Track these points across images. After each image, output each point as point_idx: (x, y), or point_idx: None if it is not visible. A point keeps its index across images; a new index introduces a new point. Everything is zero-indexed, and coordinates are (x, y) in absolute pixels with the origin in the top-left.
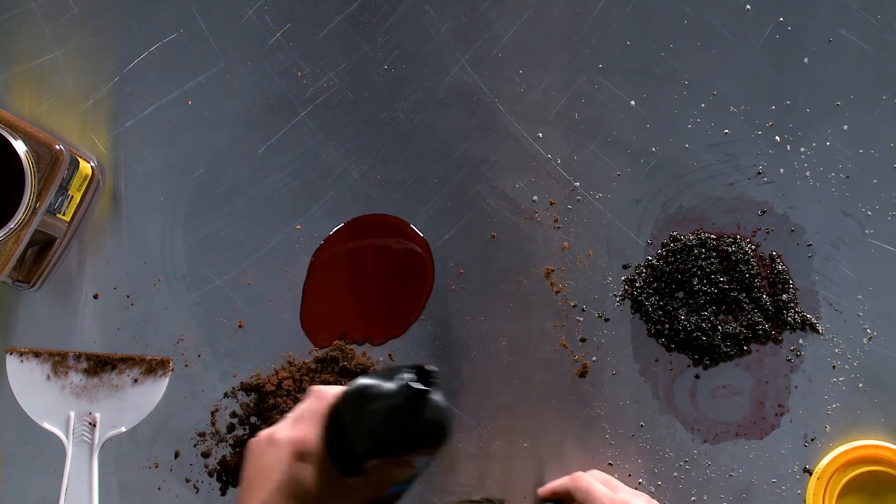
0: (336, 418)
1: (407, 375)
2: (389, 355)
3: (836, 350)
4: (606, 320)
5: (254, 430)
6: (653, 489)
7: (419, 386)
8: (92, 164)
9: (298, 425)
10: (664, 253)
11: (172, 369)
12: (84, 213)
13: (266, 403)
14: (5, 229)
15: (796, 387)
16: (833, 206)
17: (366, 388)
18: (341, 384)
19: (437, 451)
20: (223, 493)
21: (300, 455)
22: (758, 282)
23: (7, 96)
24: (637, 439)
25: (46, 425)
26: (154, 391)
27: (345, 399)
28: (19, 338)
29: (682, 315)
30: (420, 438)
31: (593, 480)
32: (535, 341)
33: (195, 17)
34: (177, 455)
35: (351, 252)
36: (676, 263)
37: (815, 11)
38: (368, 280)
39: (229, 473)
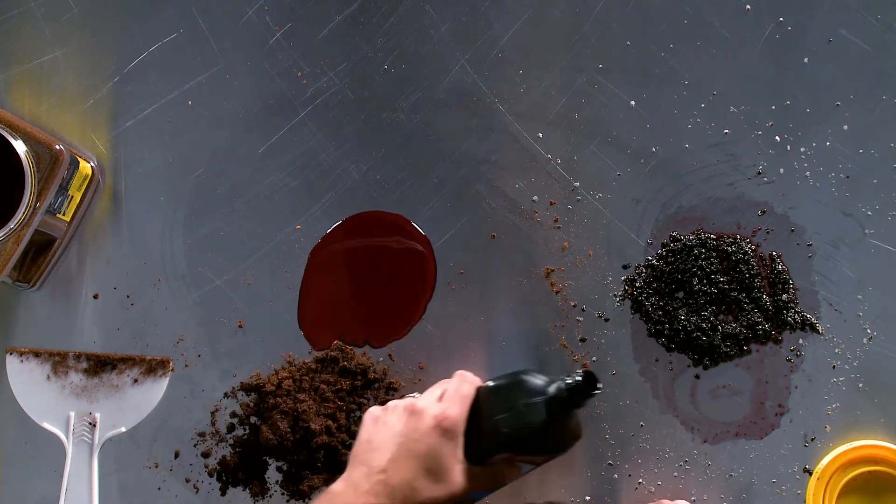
0: (480, 405)
1: (570, 380)
2: (389, 355)
3: (836, 350)
4: (606, 320)
5: (254, 430)
6: (653, 489)
7: (576, 381)
8: (92, 164)
9: (444, 403)
10: (664, 253)
11: (172, 369)
12: (84, 213)
13: (266, 403)
14: (5, 229)
15: (796, 387)
16: (833, 206)
17: (523, 382)
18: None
19: (549, 461)
20: (223, 493)
21: (444, 431)
22: (758, 282)
23: (7, 96)
24: (637, 439)
25: (46, 425)
26: (154, 391)
27: (496, 388)
28: (19, 338)
29: (682, 315)
30: (555, 443)
31: None
32: (535, 341)
33: (195, 17)
34: (177, 455)
35: (350, 251)
36: (676, 263)
37: (815, 11)
38: (368, 280)
39: (229, 473)
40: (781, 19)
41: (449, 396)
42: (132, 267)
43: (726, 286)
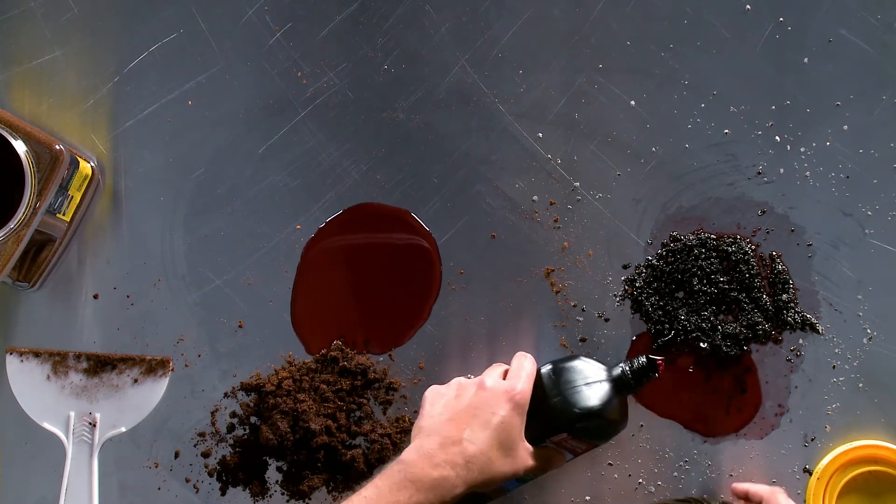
0: (541, 384)
1: (634, 364)
2: (389, 355)
3: (836, 350)
4: (606, 320)
5: (254, 430)
6: (653, 489)
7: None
8: (92, 164)
9: (511, 380)
10: (664, 253)
11: (172, 369)
12: (84, 213)
13: (266, 403)
14: (5, 229)
15: (796, 387)
16: (833, 206)
17: (585, 363)
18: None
19: (591, 449)
20: (223, 493)
21: (515, 404)
22: (758, 282)
23: (7, 96)
24: (637, 439)
25: (46, 425)
26: (154, 391)
27: (559, 370)
28: (19, 338)
29: (682, 315)
30: (607, 427)
31: None
32: (535, 341)
33: (195, 17)
34: (177, 455)
35: (347, 247)
36: (676, 263)
37: (815, 11)
38: (368, 279)
39: (229, 473)
40: (781, 19)
41: (514, 373)
42: (132, 267)
43: (726, 286)
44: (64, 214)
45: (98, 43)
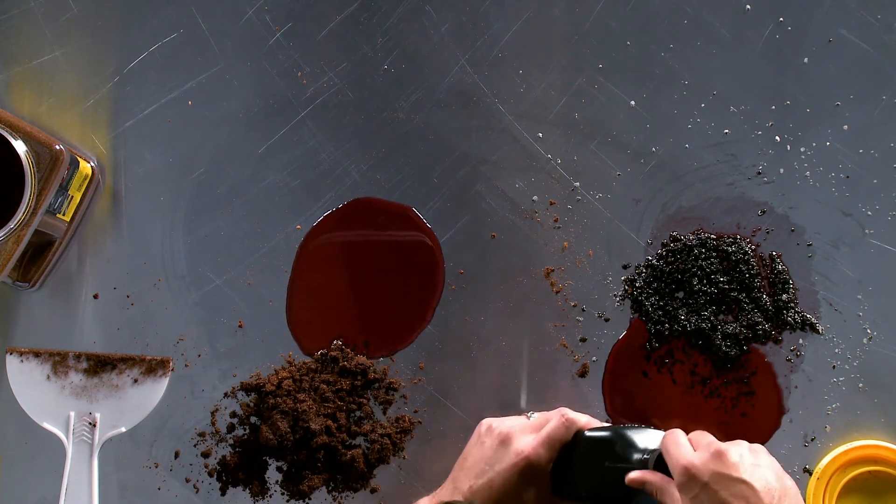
0: (573, 454)
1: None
2: (390, 357)
3: (836, 350)
4: (606, 320)
5: (254, 430)
6: None
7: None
8: (92, 164)
9: (535, 444)
10: (664, 253)
11: (172, 369)
12: (84, 213)
13: (266, 403)
14: (5, 229)
15: (796, 387)
16: (833, 206)
17: (612, 444)
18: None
19: None
20: (223, 493)
21: (525, 474)
22: (758, 282)
23: (7, 96)
24: None
25: (46, 425)
26: (154, 391)
27: (592, 444)
28: (19, 338)
29: (682, 315)
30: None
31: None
32: (535, 341)
33: (195, 17)
34: (177, 455)
35: (346, 244)
36: (676, 263)
37: (815, 11)
38: (367, 279)
39: (229, 473)
40: (781, 19)
41: (542, 438)
42: (132, 267)
43: (726, 286)
44: (64, 214)
45: (98, 43)
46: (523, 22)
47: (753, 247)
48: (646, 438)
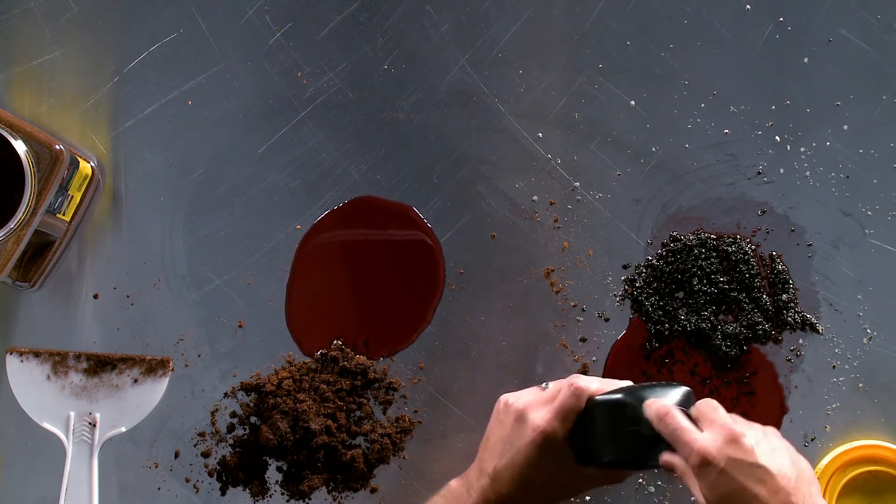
0: (589, 420)
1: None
2: (390, 357)
3: (836, 350)
4: (606, 320)
5: (254, 430)
6: (652, 489)
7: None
8: (92, 164)
9: (549, 417)
10: (664, 253)
11: (172, 369)
12: (84, 213)
13: (266, 403)
14: (5, 229)
15: (796, 387)
16: (833, 206)
17: (624, 406)
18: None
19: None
20: (223, 493)
21: (543, 448)
22: (758, 282)
23: (7, 96)
24: None
25: (46, 425)
26: (154, 391)
27: (604, 409)
28: (19, 338)
29: (682, 315)
30: (655, 458)
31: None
32: (535, 341)
33: (195, 17)
34: (177, 455)
35: (346, 244)
36: (676, 263)
37: (815, 11)
38: (367, 279)
39: (229, 473)
40: (781, 19)
41: (554, 411)
42: (132, 267)
43: (726, 286)
44: (64, 214)
45: (98, 43)
46: (523, 22)
47: (753, 247)
48: (659, 395)
